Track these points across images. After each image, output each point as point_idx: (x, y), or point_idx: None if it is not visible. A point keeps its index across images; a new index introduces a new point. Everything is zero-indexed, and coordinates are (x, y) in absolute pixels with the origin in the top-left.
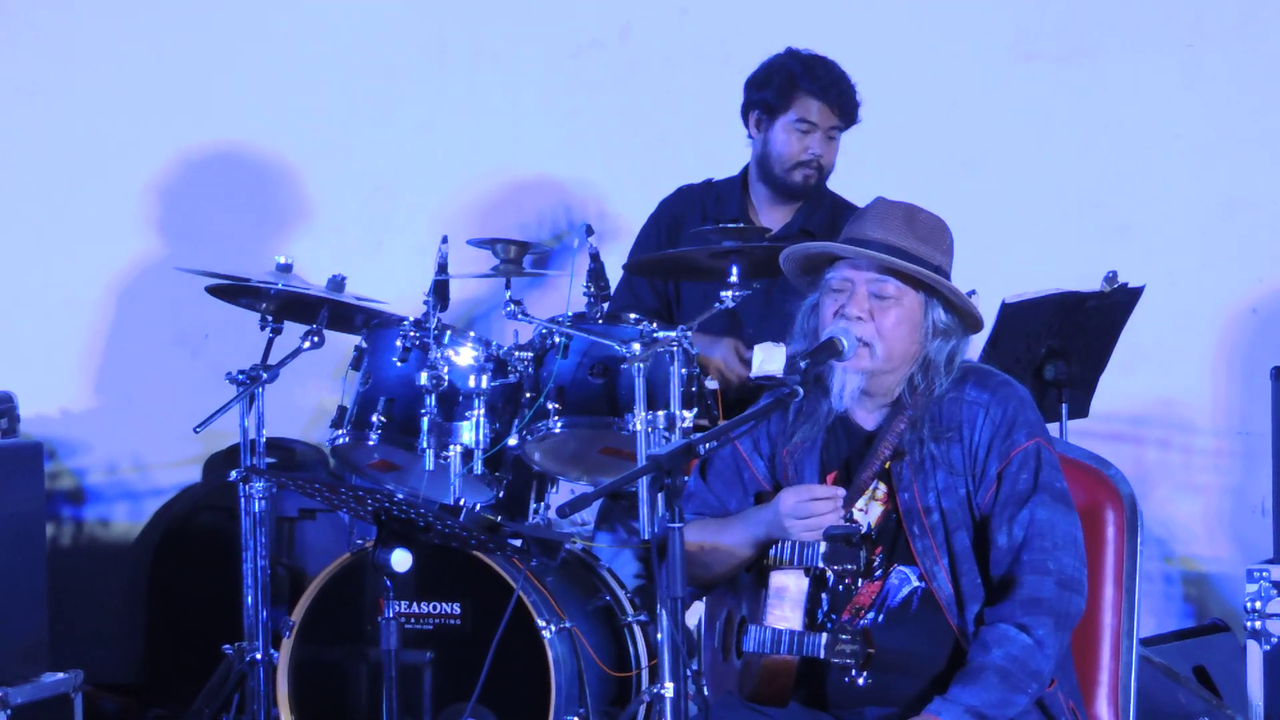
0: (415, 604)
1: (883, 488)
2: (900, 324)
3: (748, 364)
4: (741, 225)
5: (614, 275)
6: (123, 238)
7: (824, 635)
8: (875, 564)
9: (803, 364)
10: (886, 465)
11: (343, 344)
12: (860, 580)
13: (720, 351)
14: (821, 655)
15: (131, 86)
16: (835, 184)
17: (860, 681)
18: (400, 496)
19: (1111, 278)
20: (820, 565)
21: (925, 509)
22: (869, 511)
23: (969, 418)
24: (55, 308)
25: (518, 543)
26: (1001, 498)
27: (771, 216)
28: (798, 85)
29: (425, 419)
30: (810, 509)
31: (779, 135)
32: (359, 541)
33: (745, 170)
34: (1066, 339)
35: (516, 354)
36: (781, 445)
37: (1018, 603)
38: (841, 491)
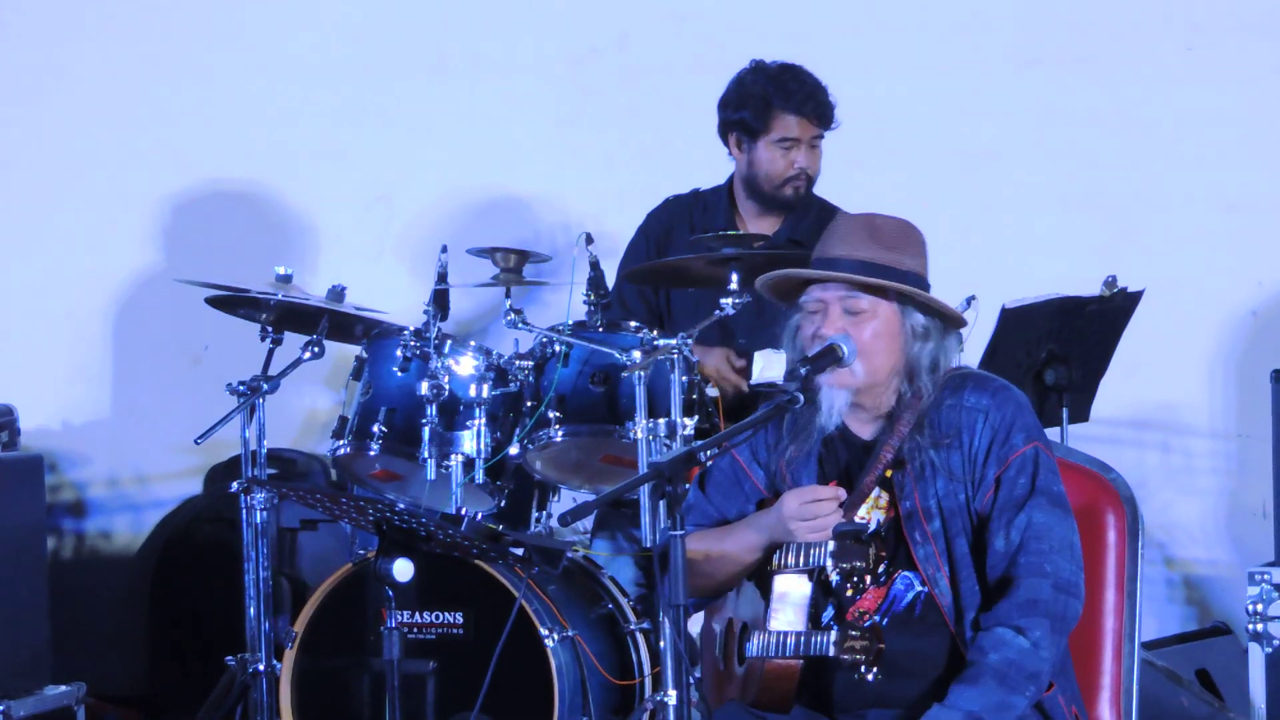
0: (417, 614)
1: (885, 496)
2: (878, 336)
3: (741, 372)
4: (740, 233)
5: (613, 282)
6: (122, 249)
7: (833, 633)
8: (880, 569)
9: (803, 371)
10: (888, 473)
11: (343, 354)
12: (867, 580)
13: (713, 362)
14: (831, 653)
15: (131, 98)
16: (835, 190)
17: (870, 678)
18: (401, 506)
19: (1111, 282)
20: (827, 565)
21: (927, 516)
22: (870, 519)
23: (969, 424)
24: (55, 320)
25: (519, 551)
26: (999, 502)
27: (759, 225)
28: (773, 104)
29: (426, 429)
30: (814, 510)
31: (763, 155)
32: (361, 552)
33: (731, 179)
34: (1067, 343)
35: (517, 363)
36: (779, 455)
37: (1014, 605)
38: (843, 491)
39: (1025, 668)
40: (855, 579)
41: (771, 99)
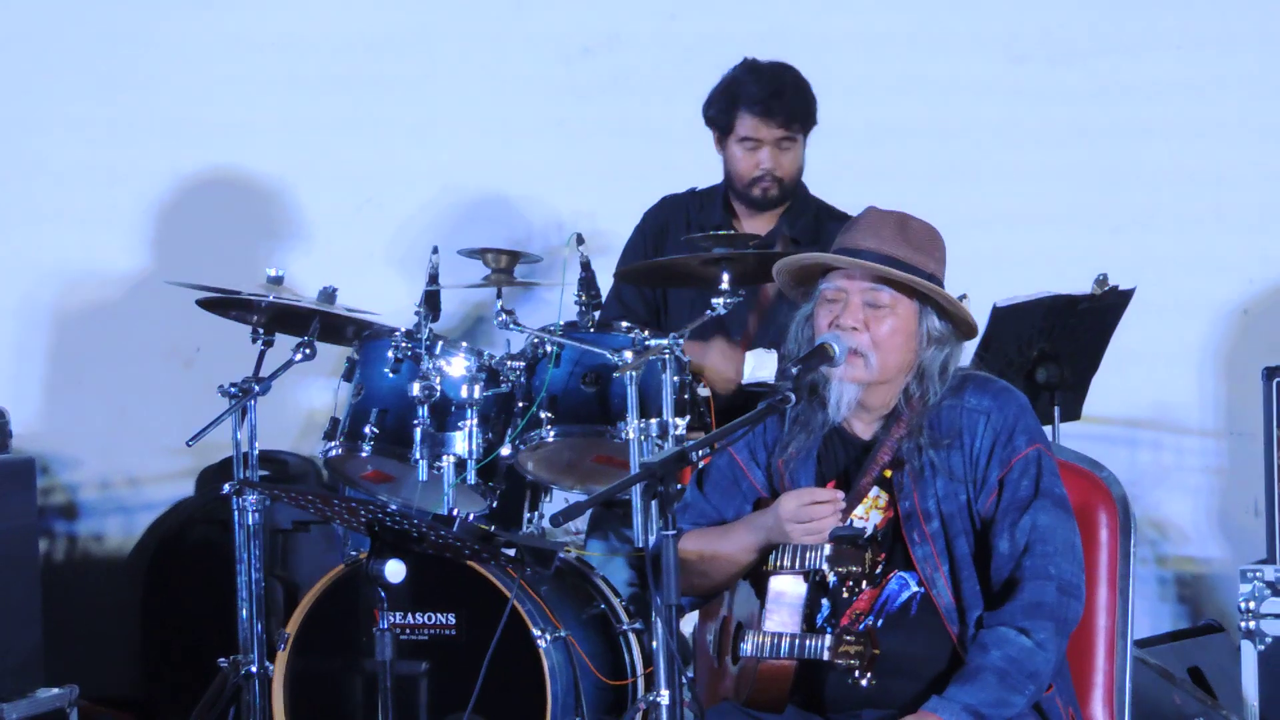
0: (410, 615)
1: (884, 495)
2: (895, 333)
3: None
4: (732, 233)
5: (605, 283)
6: (113, 252)
7: (827, 637)
8: (876, 570)
9: (794, 370)
10: (887, 473)
11: (335, 356)
12: (863, 584)
13: (712, 357)
14: (825, 657)
15: (121, 101)
16: (825, 188)
17: (864, 683)
18: (394, 507)
19: (1102, 280)
20: (823, 568)
21: (925, 516)
22: (869, 519)
23: (969, 425)
24: (46, 322)
25: (512, 552)
26: (1003, 504)
27: (754, 224)
28: (738, 103)
29: (418, 430)
30: (811, 513)
31: (732, 153)
32: (353, 553)
33: None
34: (1058, 342)
35: (509, 363)
36: (777, 455)
37: (1019, 607)
38: (841, 495)
39: (1026, 667)
40: (851, 582)
41: (738, 98)
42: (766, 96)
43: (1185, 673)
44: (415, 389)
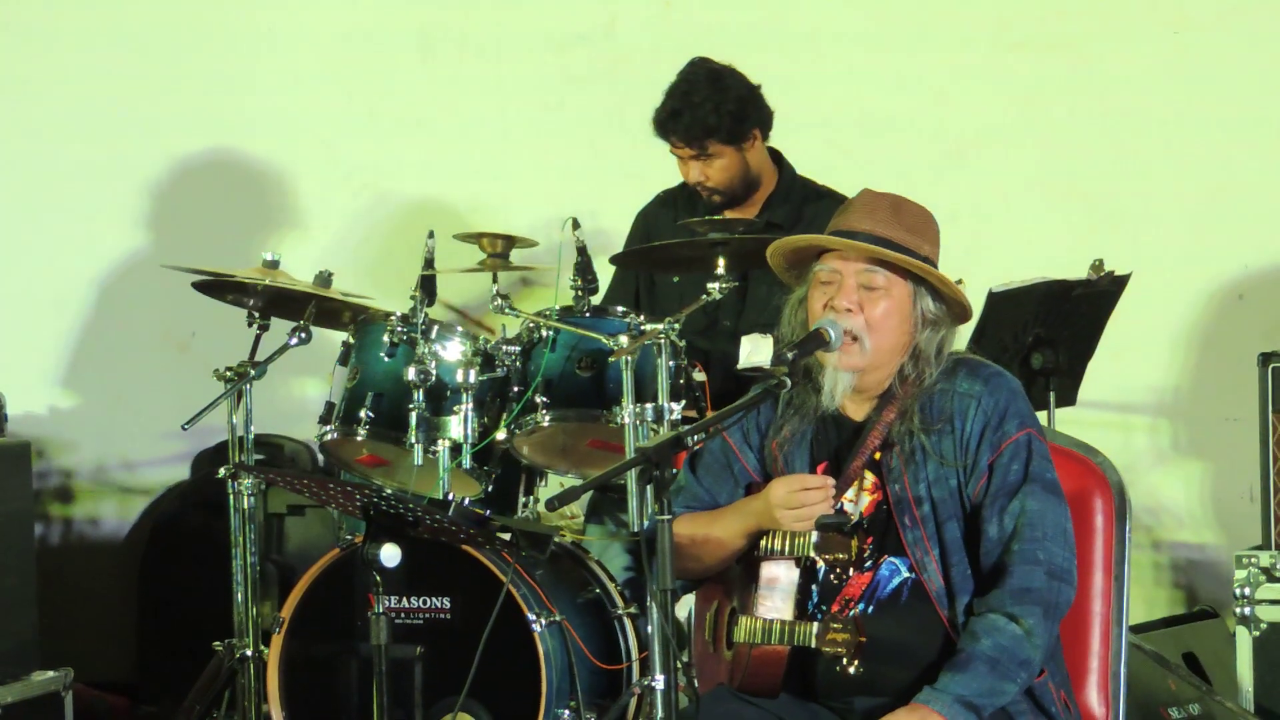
0: (405, 599)
1: (873, 478)
2: (890, 315)
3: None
4: (715, 218)
5: (600, 269)
6: (110, 235)
7: (815, 625)
8: (866, 555)
9: (790, 355)
10: (877, 456)
11: (330, 340)
12: (851, 571)
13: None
14: (813, 645)
15: (119, 85)
16: (821, 175)
17: (851, 671)
18: (389, 492)
19: (1098, 266)
20: (812, 555)
21: (916, 500)
22: (859, 502)
23: (960, 409)
24: (42, 306)
25: (507, 536)
26: (992, 489)
27: (738, 212)
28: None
29: (413, 414)
30: (801, 499)
31: None
32: (348, 537)
33: None
34: (1053, 328)
35: (504, 348)
36: (771, 437)
37: (1007, 593)
38: (831, 481)
39: (1017, 655)
40: (839, 569)
41: (656, 115)
42: (665, 119)
43: (1180, 658)
44: (411, 373)
